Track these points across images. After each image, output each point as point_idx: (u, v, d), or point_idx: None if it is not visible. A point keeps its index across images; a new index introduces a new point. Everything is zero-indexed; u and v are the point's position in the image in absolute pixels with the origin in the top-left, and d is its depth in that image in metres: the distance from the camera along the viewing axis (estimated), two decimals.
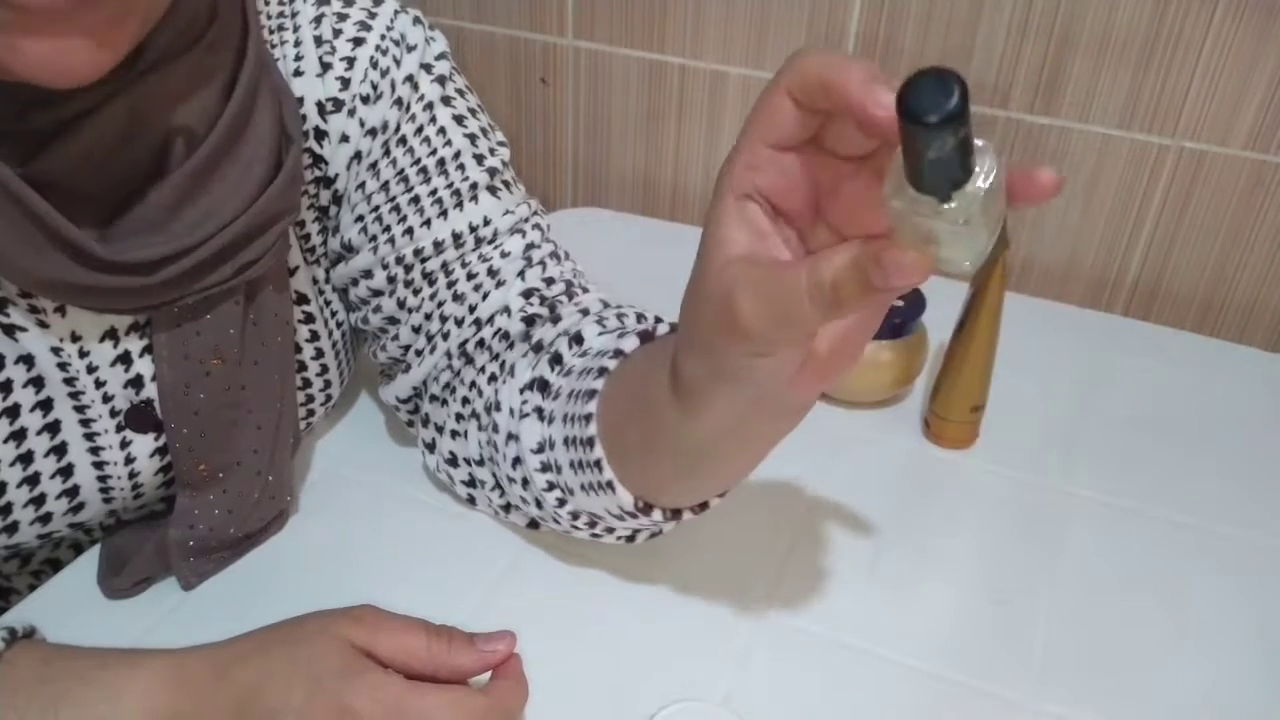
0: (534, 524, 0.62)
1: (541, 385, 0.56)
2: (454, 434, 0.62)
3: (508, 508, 0.62)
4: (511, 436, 0.57)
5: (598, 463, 0.51)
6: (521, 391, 0.57)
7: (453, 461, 0.63)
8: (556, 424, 0.54)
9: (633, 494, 0.51)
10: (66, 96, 0.43)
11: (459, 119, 0.61)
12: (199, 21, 0.48)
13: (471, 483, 0.63)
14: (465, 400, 0.61)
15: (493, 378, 0.59)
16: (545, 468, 0.55)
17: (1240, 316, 0.94)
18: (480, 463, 0.61)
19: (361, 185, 0.60)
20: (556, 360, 0.56)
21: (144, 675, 0.45)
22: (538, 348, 0.58)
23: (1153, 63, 0.86)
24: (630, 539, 0.58)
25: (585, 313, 0.59)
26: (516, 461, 0.57)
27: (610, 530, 0.56)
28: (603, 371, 0.52)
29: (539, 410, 0.56)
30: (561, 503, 0.55)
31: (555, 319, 0.59)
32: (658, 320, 0.57)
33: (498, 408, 0.58)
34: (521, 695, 0.48)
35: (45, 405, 0.51)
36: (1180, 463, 0.73)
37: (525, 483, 0.57)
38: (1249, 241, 0.90)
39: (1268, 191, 0.88)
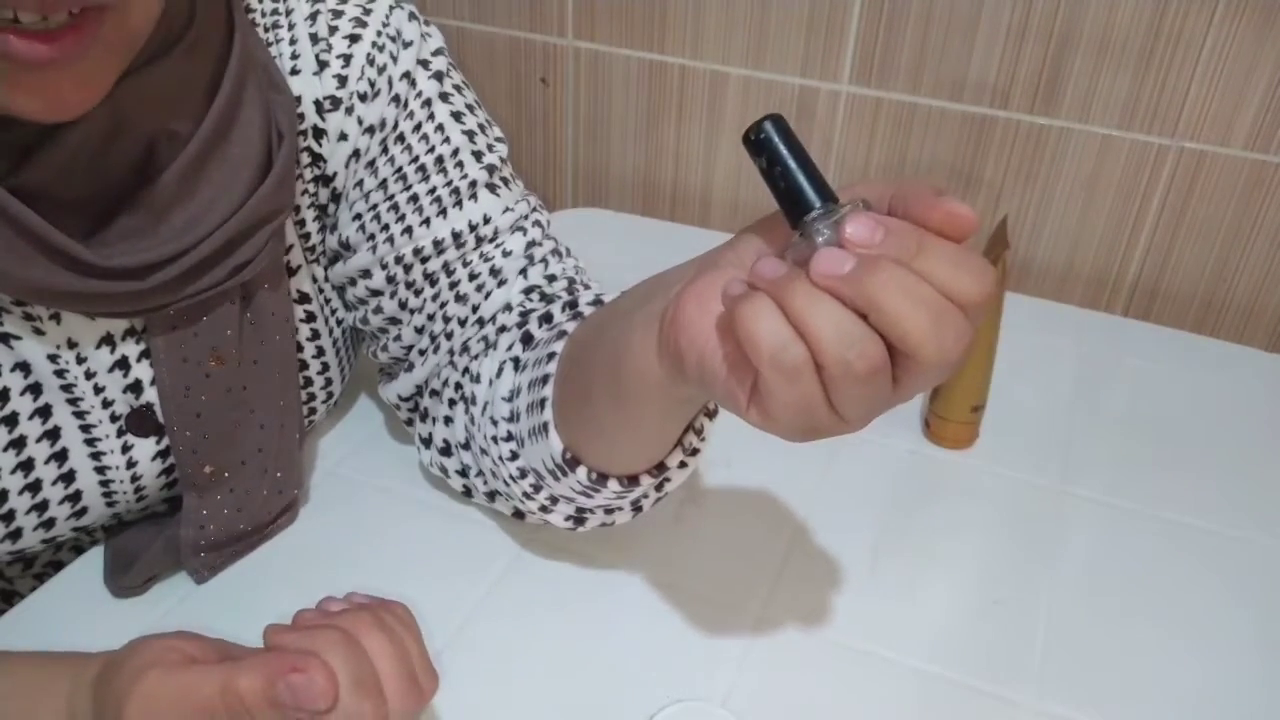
0: (519, 513, 0.62)
1: (526, 339, 0.57)
2: (447, 420, 0.62)
3: (492, 495, 0.62)
4: (487, 404, 0.58)
5: (542, 402, 0.51)
6: (501, 357, 0.57)
7: (445, 451, 0.63)
8: (527, 370, 0.54)
9: (564, 443, 0.50)
10: None
11: (457, 115, 0.61)
12: (177, 24, 0.47)
13: (464, 471, 0.63)
14: (458, 386, 0.61)
15: (485, 360, 0.60)
16: (510, 417, 0.55)
17: (1240, 316, 0.94)
18: (465, 446, 0.61)
19: (359, 183, 0.60)
20: (547, 319, 0.57)
21: None
22: (523, 326, 0.58)
23: (1153, 63, 0.86)
24: (579, 521, 0.57)
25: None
26: (486, 432, 0.57)
27: (555, 501, 0.55)
28: (578, 315, 0.53)
29: (516, 360, 0.56)
30: (514, 455, 0.55)
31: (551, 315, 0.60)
32: None
33: (476, 380, 0.59)
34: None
35: (44, 412, 0.51)
36: (1180, 463, 0.73)
37: (491, 448, 0.57)
38: (1249, 241, 0.91)
39: (1268, 191, 0.88)
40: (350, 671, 0.40)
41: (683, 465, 0.52)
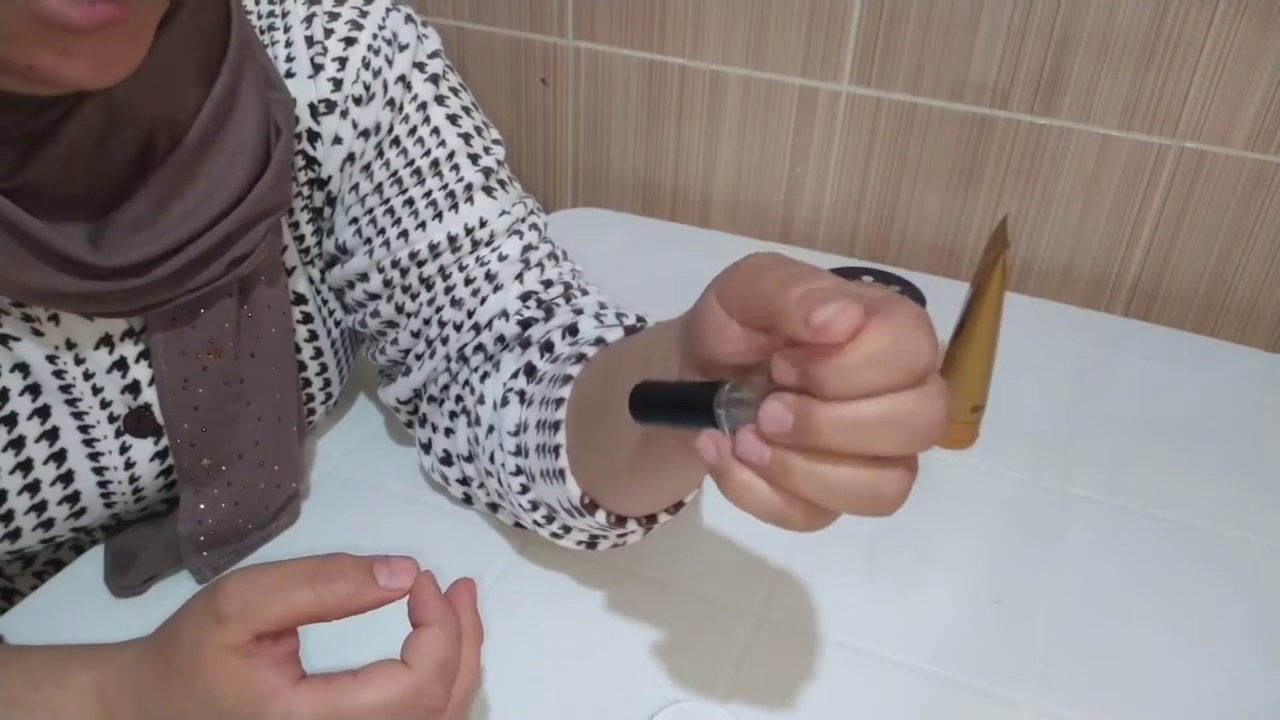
0: (521, 523, 0.62)
1: (529, 370, 0.56)
2: (447, 431, 0.62)
3: (494, 507, 0.62)
4: (491, 429, 0.57)
5: (556, 448, 0.50)
6: (505, 383, 0.57)
7: (446, 460, 0.63)
8: (533, 407, 0.54)
9: (582, 488, 0.50)
10: (47, 105, 0.43)
11: (453, 118, 0.61)
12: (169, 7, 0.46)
13: (465, 480, 0.63)
14: (458, 398, 0.61)
15: (485, 376, 0.59)
16: (517, 451, 0.55)
17: (1240, 316, 0.94)
18: (469, 459, 0.61)
19: (355, 187, 0.60)
20: (548, 348, 0.56)
21: (74, 701, 0.43)
22: (526, 344, 0.58)
23: (1153, 63, 0.86)
24: (591, 545, 0.57)
25: (581, 312, 0.59)
26: (494, 456, 0.57)
27: (567, 530, 0.55)
28: (581, 358, 0.52)
29: (521, 394, 0.56)
30: (524, 489, 0.55)
31: (551, 319, 0.59)
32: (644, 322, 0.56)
33: (481, 401, 0.59)
34: (446, 642, 0.42)
35: (42, 413, 0.51)
36: (1180, 463, 0.73)
37: (500, 475, 0.57)
38: (1249, 241, 0.90)
39: (1268, 191, 0.88)
40: (444, 657, 0.41)
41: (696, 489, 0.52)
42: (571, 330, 0.56)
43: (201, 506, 0.56)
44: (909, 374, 0.32)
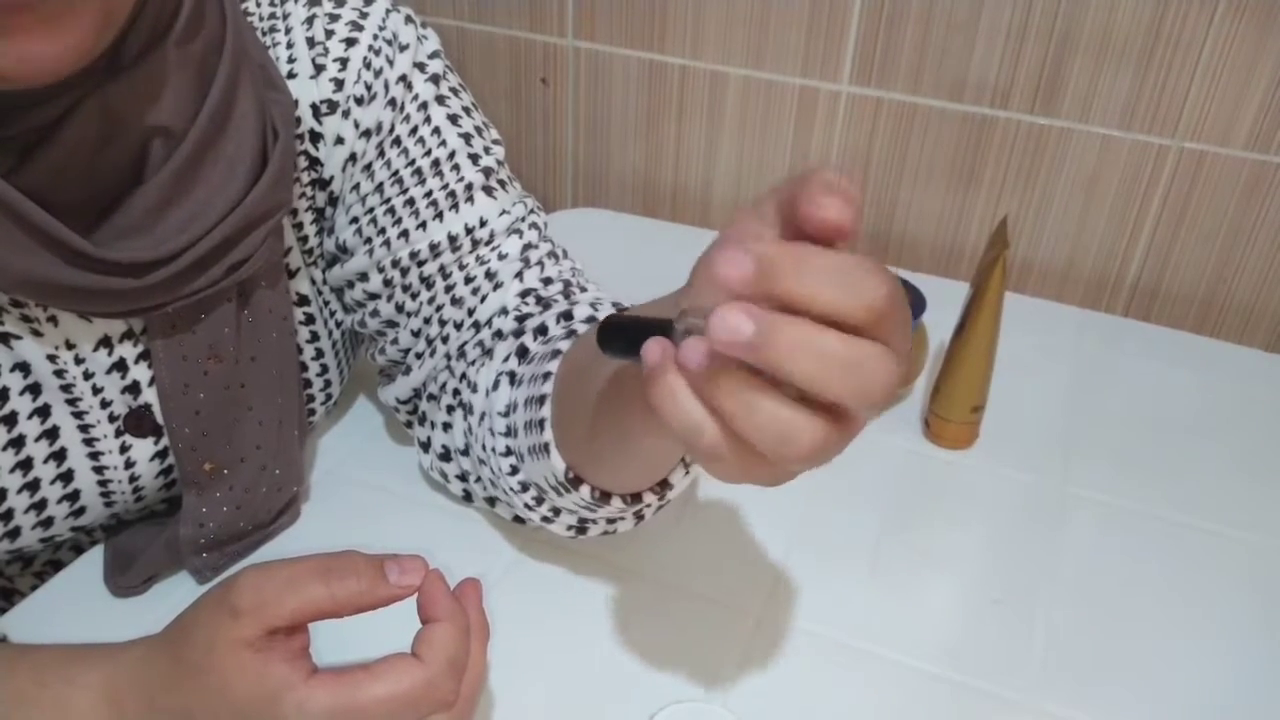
0: (519, 519, 0.62)
1: (520, 352, 0.56)
2: (445, 426, 0.62)
3: (492, 501, 0.62)
4: (484, 415, 0.57)
5: (541, 422, 0.50)
6: (498, 368, 0.57)
7: (445, 456, 0.63)
8: (522, 386, 0.54)
9: (566, 462, 0.49)
10: (38, 103, 0.43)
11: (453, 118, 0.61)
12: (165, 16, 0.46)
13: (463, 476, 0.63)
14: (456, 392, 0.61)
15: (481, 367, 0.59)
16: (507, 432, 0.55)
17: (1240, 317, 0.94)
18: (464, 452, 0.61)
19: (356, 187, 0.60)
20: (541, 331, 0.57)
21: (83, 698, 0.43)
22: (520, 334, 0.58)
23: (1153, 63, 0.86)
24: (581, 530, 0.56)
25: (578, 302, 0.59)
26: (485, 442, 0.57)
27: (557, 513, 0.55)
28: (571, 333, 0.52)
29: (512, 375, 0.56)
30: (514, 470, 0.55)
31: (548, 311, 0.59)
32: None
33: (474, 389, 0.59)
34: (456, 637, 0.42)
35: (43, 412, 0.51)
36: (1180, 463, 0.73)
37: (490, 460, 0.57)
38: (1249, 242, 0.91)
39: (1268, 191, 0.88)
40: (454, 652, 0.42)
41: (685, 473, 0.52)
42: (566, 315, 0.57)
43: (204, 510, 0.56)
44: (861, 303, 0.31)
